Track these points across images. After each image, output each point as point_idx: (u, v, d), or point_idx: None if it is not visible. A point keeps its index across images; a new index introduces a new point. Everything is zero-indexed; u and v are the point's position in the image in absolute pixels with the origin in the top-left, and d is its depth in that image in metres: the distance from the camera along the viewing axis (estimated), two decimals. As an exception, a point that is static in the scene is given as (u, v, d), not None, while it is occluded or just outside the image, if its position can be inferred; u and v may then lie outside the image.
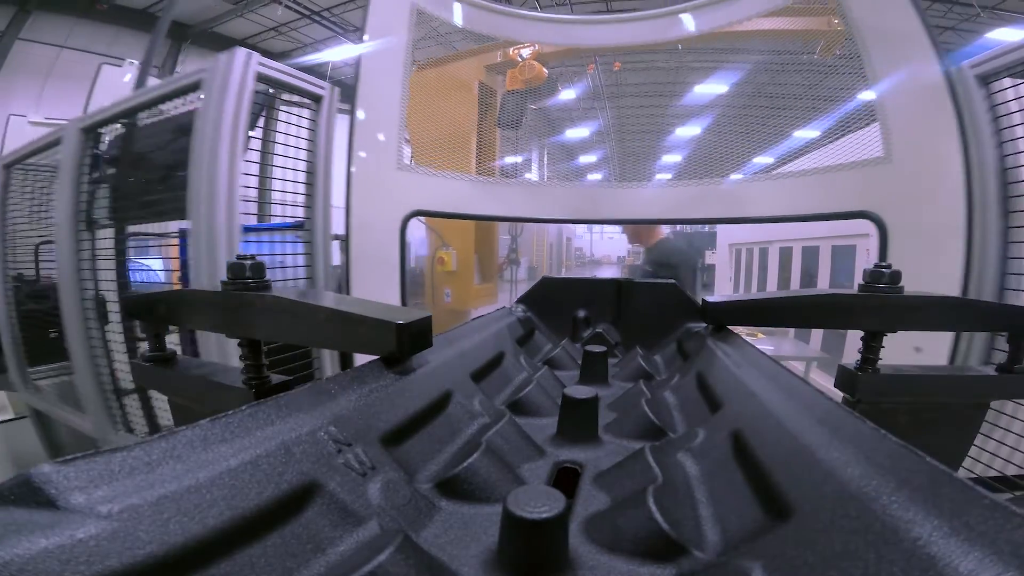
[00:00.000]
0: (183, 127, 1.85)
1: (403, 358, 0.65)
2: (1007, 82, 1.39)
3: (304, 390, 0.51)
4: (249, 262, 0.79)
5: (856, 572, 0.28)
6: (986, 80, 1.42)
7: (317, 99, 1.88)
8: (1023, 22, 9.40)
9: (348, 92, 2.04)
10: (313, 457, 0.41)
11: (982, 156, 1.40)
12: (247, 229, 1.72)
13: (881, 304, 0.90)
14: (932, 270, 1.53)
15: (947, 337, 1.61)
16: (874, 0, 1.64)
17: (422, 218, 2.38)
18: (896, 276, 0.91)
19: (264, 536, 0.34)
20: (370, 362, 0.63)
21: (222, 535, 0.31)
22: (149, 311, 0.92)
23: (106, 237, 2.11)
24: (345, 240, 1.94)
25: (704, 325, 1.07)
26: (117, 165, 2.11)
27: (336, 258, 1.94)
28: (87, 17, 10.31)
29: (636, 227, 3.36)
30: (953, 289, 1.50)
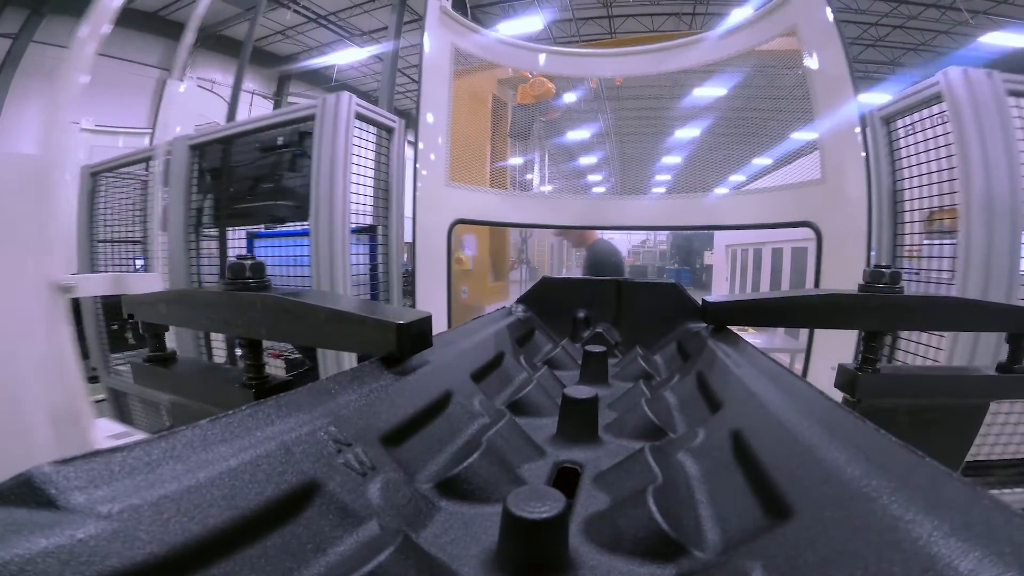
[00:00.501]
0: (267, 146, 2.33)
1: (403, 358, 0.65)
2: (899, 122, 1.91)
3: (304, 390, 0.51)
4: (249, 262, 0.79)
5: (856, 572, 0.28)
6: (887, 121, 1.94)
7: (390, 130, 2.33)
8: (1012, 26, 9.45)
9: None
10: (313, 457, 0.41)
11: (880, 178, 1.91)
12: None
13: (881, 304, 0.90)
14: (848, 267, 1.95)
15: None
16: (820, 52, 2.08)
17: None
18: (896, 276, 0.91)
19: (264, 536, 0.34)
20: (370, 362, 0.63)
21: (222, 535, 0.31)
22: (149, 311, 0.92)
23: (211, 237, 2.55)
24: (412, 243, 2.37)
25: (704, 325, 1.07)
26: (217, 176, 2.51)
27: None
28: None
29: (578, 232, 3.74)
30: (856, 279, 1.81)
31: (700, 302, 1.12)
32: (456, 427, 0.63)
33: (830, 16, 2.01)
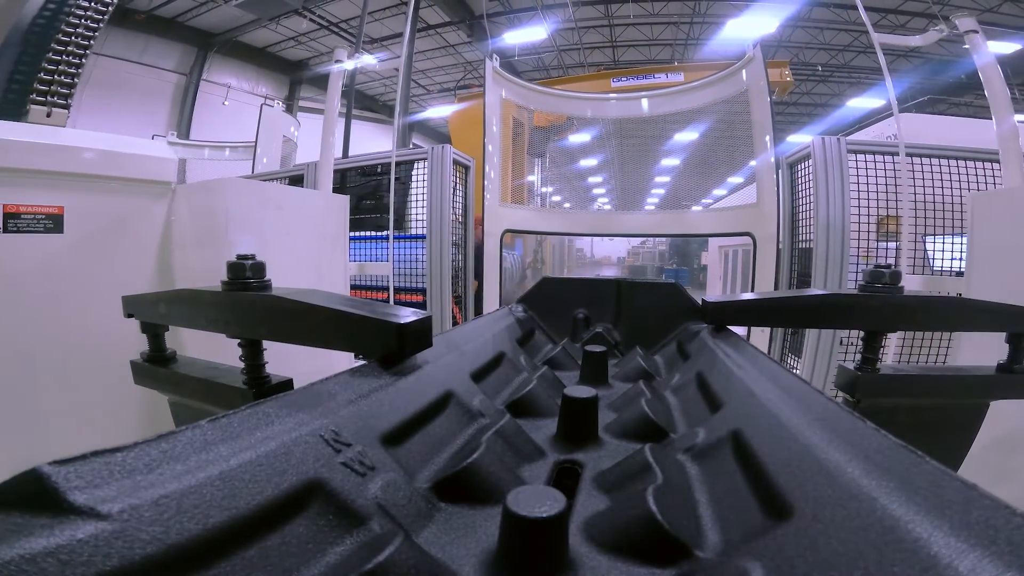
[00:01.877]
0: (366, 172, 3.57)
1: (403, 358, 0.65)
2: (798, 166, 2.87)
3: (304, 390, 0.51)
4: (249, 262, 0.79)
5: (856, 572, 0.28)
6: (791, 165, 2.91)
7: (467, 168, 3.41)
8: (1008, 36, 9.50)
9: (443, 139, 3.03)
10: (313, 457, 0.41)
11: (784, 203, 2.91)
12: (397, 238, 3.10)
13: (881, 304, 0.90)
14: (767, 263, 2.89)
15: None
16: (758, 108, 3.00)
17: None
18: (896, 276, 0.91)
19: (264, 536, 0.33)
20: (370, 362, 0.63)
21: (222, 535, 0.31)
22: (149, 311, 0.92)
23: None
24: (480, 246, 3.33)
25: (704, 325, 1.07)
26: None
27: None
28: (121, 26, 10.58)
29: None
30: (770, 274, 2.91)
31: (700, 302, 1.12)
32: (456, 427, 0.63)
33: (766, 81, 2.92)
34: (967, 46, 2.30)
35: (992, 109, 2.25)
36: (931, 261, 2.58)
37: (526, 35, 12.39)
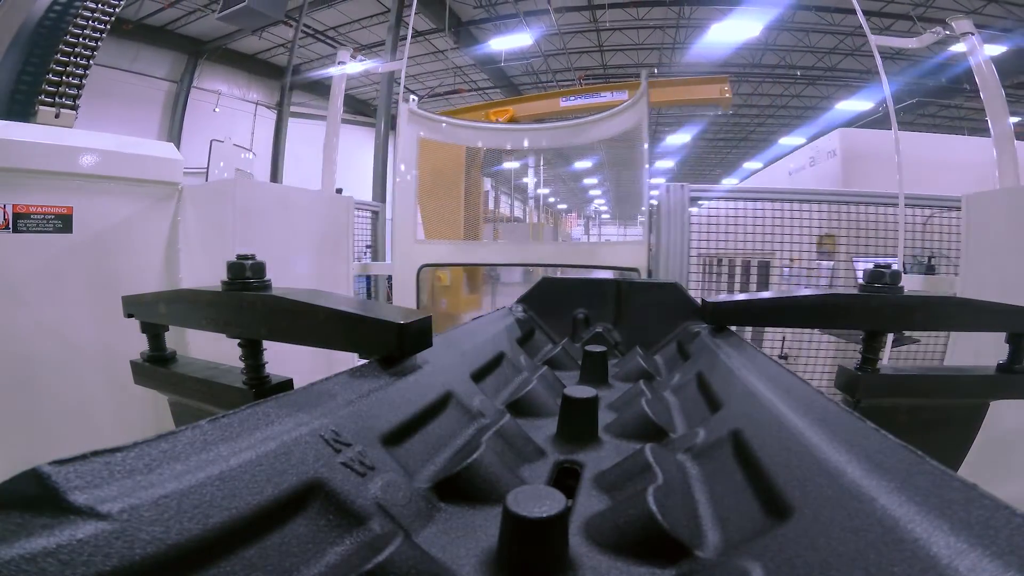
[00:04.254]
0: None
1: (403, 358, 0.65)
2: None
3: (304, 390, 0.51)
4: (249, 262, 0.79)
5: (856, 572, 0.28)
6: (694, 199, 2.84)
7: (377, 212, 3.69)
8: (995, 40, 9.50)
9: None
10: (313, 457, 0.41)
11: (658, 234, 2.88)
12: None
13: (881, 304, 0.90)
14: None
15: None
16: (637, 144, 3.03)
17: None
18: (896, 276, 0.91)
19: (264, 536, 0.33)
20: (370, 362, 0.63)
21: (222, 535, 0.31)
22: (149, 311, 0.92)
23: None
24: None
25: (704, 325, 1.07)
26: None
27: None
28: (111, 35, 10.60)
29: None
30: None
31: (700, 302, 1.12)
32: (456, 427, 0.63)
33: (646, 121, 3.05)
34: (962, 48, 2.31)
35: (988, 111, 2.27)
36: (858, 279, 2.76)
37: (512, 41, 12.53)
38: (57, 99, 2.17)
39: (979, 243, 1.97)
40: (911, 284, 2.20)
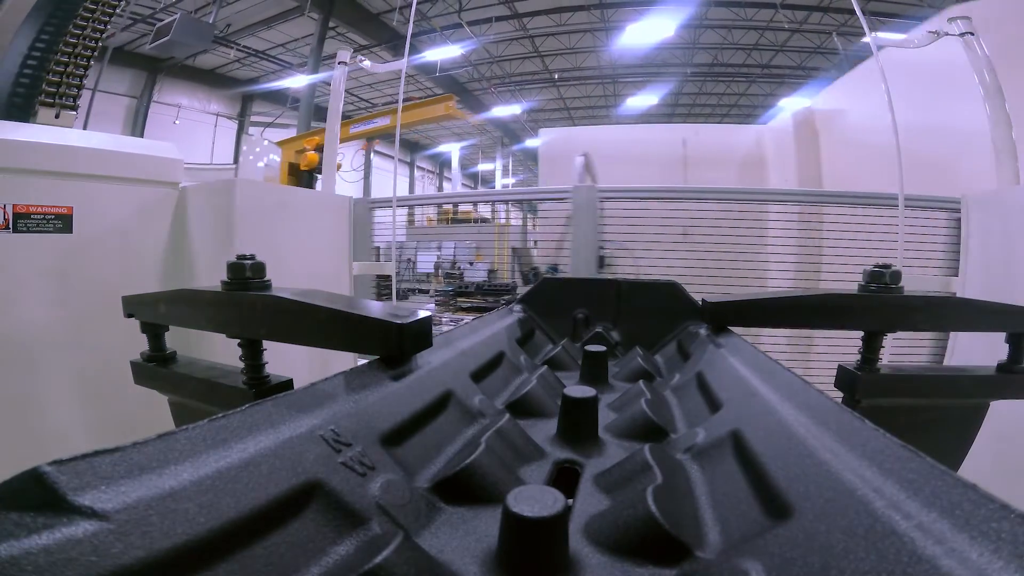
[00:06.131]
0: None
1: (403, 358, 0.65)
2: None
3: (304, 390, 0.51)
4: (249, 262, 0.79)
5: (856, 572, 0.28)
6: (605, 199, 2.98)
7: None
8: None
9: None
10: (313, 457, 0.41)
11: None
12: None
13: (881, 304, 0.90)
14: None
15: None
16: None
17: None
18: (896, 276, 0.91)
19: (264, 536, 0.33)
20: (370, 362, 0.63)
21: (222, 535, 0.31)
22: (149, 311, 0.92)
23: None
24: None
25: (704, 325, 1.07)
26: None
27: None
28: None
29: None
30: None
31: (700, 302, 1.12)
32: (456, 427, 0.63)
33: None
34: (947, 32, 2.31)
35: (988, 111, 2.27)
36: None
37: (446, 52, 13.11)
38: (57, 99, 2.17)
39: (979, 243, 1.97)
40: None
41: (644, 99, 15.45)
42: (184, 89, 14.58)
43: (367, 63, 3.28)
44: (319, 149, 7.08)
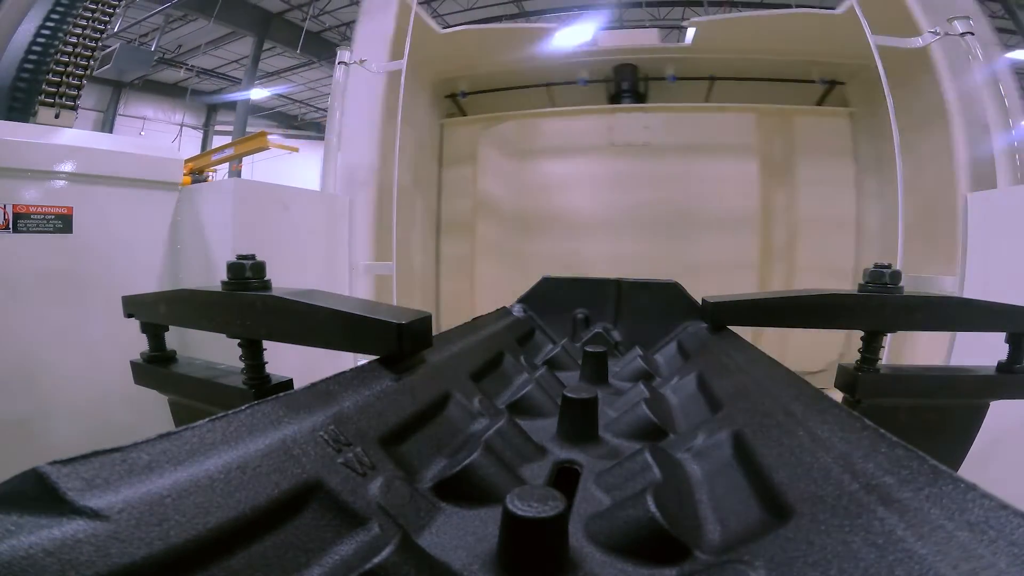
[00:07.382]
0: None
1: (403, 358, 0.65)
2: None
3: (304, 390, 0.51)
4: (249, 262, 0.79)
5: (856, 572, 0.28)
6: None
7: None
8: None
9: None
10: (313, 457, 0.41)
11: None
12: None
13: (881, 304, 0.90)
14: None
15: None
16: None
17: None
18: (896, 276, 0.91)
19: (264, 536, 0.33)
20: (370, 362, 0.63)
21: (222, 535, 0.31)
22: (149, 311, 0.92)
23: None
24: None
25: (704, 325, 1.07)
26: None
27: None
28: None
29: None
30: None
31: (700, 302, 1.12)
32: (456, 427, 0.63)
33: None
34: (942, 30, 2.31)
35: (988, 109, 2.27)
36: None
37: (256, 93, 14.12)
38: (57, 99, 2.18)
39: (979, 243, 1.96)
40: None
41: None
42: (149, 101, 15.53)
43: (373, 65, 3.24)
44: (193, 173, 8.41)
